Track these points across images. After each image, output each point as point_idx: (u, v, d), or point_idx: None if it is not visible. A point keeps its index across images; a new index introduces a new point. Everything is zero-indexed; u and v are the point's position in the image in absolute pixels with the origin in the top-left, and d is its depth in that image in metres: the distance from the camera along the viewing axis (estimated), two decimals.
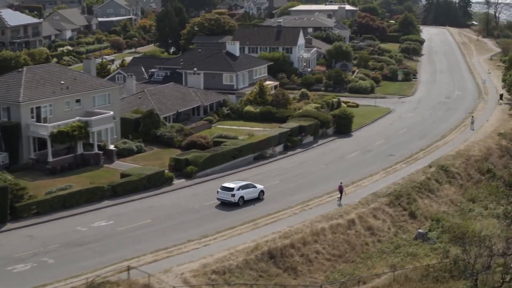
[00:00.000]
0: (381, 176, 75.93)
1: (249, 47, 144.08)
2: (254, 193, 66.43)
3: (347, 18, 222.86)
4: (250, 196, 65.85)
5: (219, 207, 64.49)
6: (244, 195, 65.08)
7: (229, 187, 65.00)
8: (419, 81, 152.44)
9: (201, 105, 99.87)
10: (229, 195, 64.57)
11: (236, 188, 64.74)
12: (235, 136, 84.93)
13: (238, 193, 64.61)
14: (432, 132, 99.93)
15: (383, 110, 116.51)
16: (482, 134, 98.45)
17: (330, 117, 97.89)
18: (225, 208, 64.20)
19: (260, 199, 66.90)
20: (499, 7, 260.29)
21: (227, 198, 64.69)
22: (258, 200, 66.73)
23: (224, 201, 65.01)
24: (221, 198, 65.13)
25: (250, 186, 66.33)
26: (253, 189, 66.49)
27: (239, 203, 64.59)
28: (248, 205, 65.26)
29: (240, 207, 64.59)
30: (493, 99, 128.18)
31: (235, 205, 64.56)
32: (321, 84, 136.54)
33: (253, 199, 66.18)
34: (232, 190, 64.58)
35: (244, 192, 65.21)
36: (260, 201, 66.70)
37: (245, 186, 65.78)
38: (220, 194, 65.23)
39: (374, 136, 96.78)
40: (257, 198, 66.57)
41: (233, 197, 64.37)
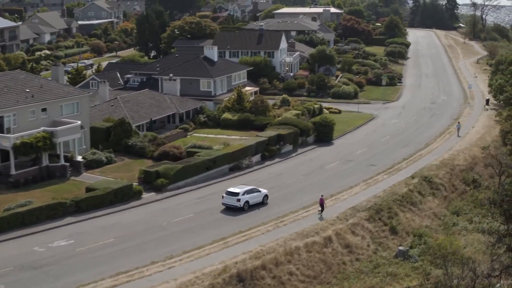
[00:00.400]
0: (361, 188, 72.46)
1: (230, 51, 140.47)
2: (259, 198, 66.04)
3: (332, 21, 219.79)
4: (255, 200, 65.50)
5: (185, 223, 60.78)
6: (249, 200, 64.70)
7: (234, 192, 64.32)
8: (404, 85, 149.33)
9: (177, 112, 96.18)
10: (234, 200, 63.99)
11: (241, 193, 64.14)
12: (210, 146, 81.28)
13: (244, 198, 64.11)
14: (416, 139, 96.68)
15: (366, 117, 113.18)
16: (468, 142, 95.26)
17: (310, 125, 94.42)
18: (194, 225, 60.52)
19: (264, 203, 66.35)
20: (485, 9, 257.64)
21: (232, 203, 64.10)
22: (262, 205, 66.14)
23: (229, 206, 64.36)
24: (226, 203, 64.51)
25: (255, 191, 65.96)
26: (258, 194, 66.08)
27: (244, 208, 63.99)
28: (235, 214, 61.76)
29: (210, 223, 61.06)
30: (479, 104, 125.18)
31: (241, 209, 63.86)
32: (303, 89, 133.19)
33: (257, 203, 65.73)
34: (237, 195, 63.95)
35: (249, 196, 64.80)
36: (264, 205, 66.10)
37: (250, 190, 65.24)
38: (225, 199, 64.56)
39: (356, 144, 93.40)
40: (261, 202, 66.14)
41: (239, 202, 63.77)
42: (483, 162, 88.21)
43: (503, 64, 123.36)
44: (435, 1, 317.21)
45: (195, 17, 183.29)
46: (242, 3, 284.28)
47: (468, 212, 72.81)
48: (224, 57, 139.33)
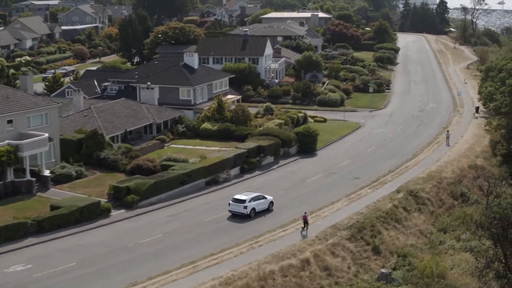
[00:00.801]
0: (344, 204, 68.70)
1: (213, 57, 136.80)
2: (265, 204, 65.84)
3: (320, 26, 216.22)
4: (261, 207, 65.30)
5: (154, 244, 56.86)
6: (256, 207, 64.49)
7: (241, 199, 64.06)
8: (392, 92, 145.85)
9: (154, 122, 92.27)
10: (241, 207, 63.70)
11: (248, 200, 63.90)
12: (185, 159, 77.41)
13: (250, 205, 63.91)
14: (402, 150, 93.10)
15: (352, 125, 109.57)
16: (456, 152, 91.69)
17: (292, 135, 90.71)
18: (162, 246, 56.64)
19: (269, 210, 66.15)
20: (476, 13, 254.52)
21: (239, 210, 63.81)
22: (268, 211, 65.85)
23: (236, 213, 64.00)
24: (233, 210, 64.20)
25: (261, 197, 65.74)
26: (264, 200, 65.84)
27: (251, 215, 63.77)
28: (210, 233, 57.95)
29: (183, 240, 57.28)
30: (469, 112, 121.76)
31: (247, 216, 63.49)
32: (288, 97, 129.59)
33: (263, 210, 65.47)
34: (244, 202, 63.72)
35: (256, 203, 64.61)
36: (269, 212, 65.80)
37: (256, 197, 65.07)
38: (232, 206, 64.27)
39: (340, 155, 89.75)
40: (267, 209, 65.87)
41: (245, 209, 63.60)
42: (472, 175, 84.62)
43: (493, 70, 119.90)
44: (425, 5, 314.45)
45: (179, 22, 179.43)
46: (230, 8, 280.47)
47: (455, 229, 69.17)
48: (208, 63, 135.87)
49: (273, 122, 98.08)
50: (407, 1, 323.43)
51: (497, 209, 47.70)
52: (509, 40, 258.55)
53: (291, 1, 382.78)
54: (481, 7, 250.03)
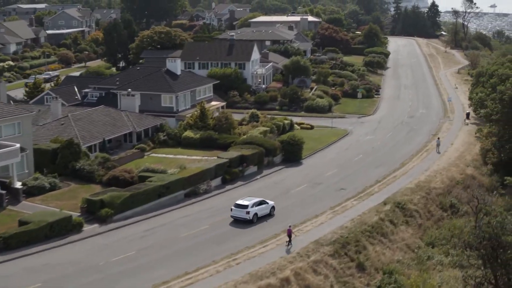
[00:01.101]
0: (328, 218, 65.80)
1: (199, 62, 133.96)
2: (267, 209, 65.61)
3: (310, 30, 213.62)
4: (263, 212, 65.01)
5: (125, 262, 53.81)
6: (258, 212, 64.19)
7: (243, 204, 63.74)
8: (381, 97, 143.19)
9: (134, 131, 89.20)
10: (243, 212, 63.38)
11: (250, 205, 63.59)
12: (164, 169, 74.38)
13: (252, 210, 63.60)
14: (391, 158, 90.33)
15: (339, 133, 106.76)
16: (446, 161, 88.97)
17: (277, 144, 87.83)
18: (134, 265, 53.61)
19: (271, 215, 65.76)
20: (467, 17, 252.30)
21: (241, 215, 63.47)
22: (270, 216, 65.38)
23: (239, 218, 63.69)
24: (235, 215, 63.86)
25: (263, 203, 65.41)
26: (266, 206, 65.58)
27: (253, 220, 63.50)
28: (186, 249, 54.97)
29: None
30: (459, 118, 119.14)
31: (249, 222, 63.15)
32: (275, 103, 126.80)
33: (265, 215, 65.14)
34: (246, 207, 63.38)
35: (258, 208, 64.31)
36: (271, 217, 65.31)
37: (258, 203, 64.77)
38: (234, 211, 63.95)
39: (326, 165, 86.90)
40: (268, 214, 65.57)
41: (248, 215, 63.22)
42: (462, 184, 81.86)
43: (483, 76, 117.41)
44: (416, 8, 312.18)
45: (165, 27, 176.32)
46: (219, 12, 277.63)
47: (445, 243, 66.28)
48: (193, 68, 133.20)
49: (258, 130, 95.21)
50: (398, 5, 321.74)
51: (486, 228, 44.96)
52: (501, 44, 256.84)
53: (282, 4, 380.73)
54: (472, 10, 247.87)
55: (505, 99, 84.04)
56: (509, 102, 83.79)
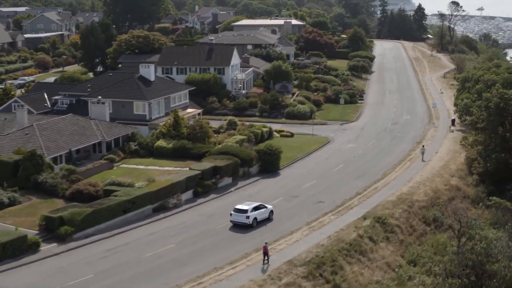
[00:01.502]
0: (303, 235, 61.83)
1: (177, 67, 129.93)
2: (265, 214, 65.25)
3: (294, 33, 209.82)
4: (262, 216, 64.64)
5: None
6: (257, 216, 63.83)
7: (243, 209, 63.31)
8: (365, 103, 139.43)
9: (103, 140, 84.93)
10: (243, 217, 62.96)
11: (250, 209, 63.23)
12: (131, 183, 70.22)
13: (252, 215, 63.21)
14: (372, 168, 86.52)
15: (320, 140, 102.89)
16: (429, 171, 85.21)
17: (253, 154, 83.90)
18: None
19: (270, 219, 65.54)
20: (453, 20, 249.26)
21: (241, 220, 63.06)
22: (268, 220, 65.19)
23: (238, 223, 63.15)
24: (235, 220, 63.40)
25: (262, 207, 65.10)
26: (265, 210, 65.25)
27: (253, 225, 63.13)
28: (151, 272, 50.77)
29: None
30: (445, 124, 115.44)
31: (249, 226, 62.79)
32: (255, 109, 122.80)
33: (264, 219, 64.79)
34: (246, 212, 62.98)
35: (257, 213, 63.94)
36: (270, 221, 65.12)
37: (257, 207, 64.46)
38: (234, 216, 63.46)
39: (305, 175, 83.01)
40: (267, 218, 65.25)
41: (248, 219, 62.84)
42: (447, 196, 78.11)
43: (469, 81, 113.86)
44: (403, 11, 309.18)
45: (143, 30, 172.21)
46: (202, 15, 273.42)
47: (427, 260, 62.38)
48: (171, 74, 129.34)
49: (235, 138, 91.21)
50: (384, 8, 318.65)
51: (469, 255, 41.17)
52: (487, 47, 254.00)
53: (268, 8, 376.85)
54: (459, 13, 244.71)
55: (490, 107, 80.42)
56: (495, 109, 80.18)
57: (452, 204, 74.77)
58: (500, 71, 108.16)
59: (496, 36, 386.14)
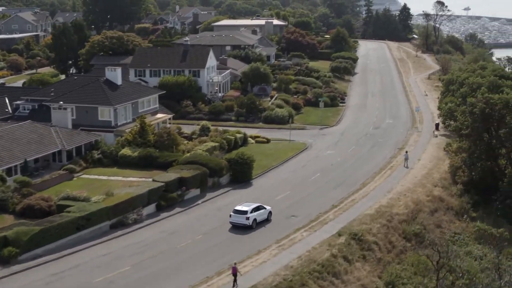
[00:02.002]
0: (272, 254, 56.65)
1: (150, 70, 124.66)
2: (264, 215, 64.65)
3: (275, 34, 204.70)
4: (261, 217, 64.05)
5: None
6: (257, 217, 63.25)
7: (243, 210, 62.66)
8: (347, 106, 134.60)
9: (63, 149, 79.40)
10: (243, 218, 62.30)
11: (250, 211, 62.66)
12: (87, 197, 64.71)
13: (252, 216, 62.56)
14: (351, 177, 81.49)
15: (297, 147, 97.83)
16: (411, 180, 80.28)
17: (224, 163, 78.66)
18: None
19: (268, 220, 64.95)
20: (438, 20, 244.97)
21: (241, 221, 62.37)
22: (267, 221, 64.61)
23: (238, 224, 62.43)
24: (235, 221, 62.72)
25: (261, 208, 64.59)
26: (264, 211, 64.67)
27: (253, 226, 62.53)
28: None
29: None
30: (428, 129, 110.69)
31: (249, 228, 62.14)
32: (232, 113, 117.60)
33: (263, 220, 64.23)
34: (245, 213, 62.39)
35: (257, 214, 63.36)
36: (268, 222, 64.58)
37: (257, 208, 63.91)
38: (233, 217, 62.79)
39: (279, 186, 77.89)
40: (266, 219, 64.68)
41: (248, 220, 62.22)
42: (429, 208, 73.24)
43: (453, 84, 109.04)
44: (388, 11, 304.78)
45: (117, 31, 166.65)
46: (183, 15, 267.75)
47: (407, 281, 57.45)
48: (144, 76, 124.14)
49: (206, 146, 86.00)
50: (369, 8, 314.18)
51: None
52: (473, 47, 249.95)
53: (252, 8, 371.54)
54: (444, 13, 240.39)
55: (475, 113, 75.53)
56: (480, 115, 75.34)
57: (434, 217, 70.23)
58: (486, 74, 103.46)
59: (482, 36, 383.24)
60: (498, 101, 74.51)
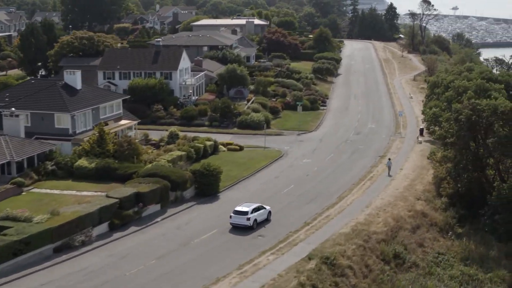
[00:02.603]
0: (231, 284, 50.13)
1: (120, 72, 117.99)
2: (264, 215, 63.79)
3: (256, 34, 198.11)
4: (261, 218, 63.19)
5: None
6: (257, 218, 62.34)
7: (243, 210, 61.61)
8: (328, 109, 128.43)
9: (12, 160, 72.56)
10: (244, 219, 61.30)
11: (250, 211, 61.63)
12: (29, 216, 57.90)
13: (252, 216, 61.61)
14: (327, 190, 75.19)
15: (272, 155, 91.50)
16: (392, 193, 74.04)
17: (188, 175, 72.12)
18: None
19: (268, 220, 64.06)
20: (424, 19, 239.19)
21: (242, 222, 61.35)
22: (267, 221, 63.67)
23: (239, 225, 61.40)
24: (235, 222, 61.62)
25: (261, 208, 63.71)
26: (264, 211, 63.79)
27: (253, 226, 61.57)
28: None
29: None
30: (412, 134, 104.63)
31: (250, 228, 61.06)
32: (205, 118, 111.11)
33: (263, 220, 63.29)
34: (246, 214, 61.35)
35: (257, 214, 62.43)
36: (268, 222, 63.63)
37: (257, 208, 62.94)
38: (234, 218, 61.72)
39: (249, 199, 71.06)
40: (266, 219, 63.80)
41: (248, 221, 61.27)
42: (410, 224, 66.96)
43: (439, 87, 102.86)
44: (374, 10, 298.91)
45: (87, 31, 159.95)
46: (163, 14, 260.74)
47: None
48: (113, 79, 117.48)
49: (171, 155, 79.51)
50: (355, 7, 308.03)
51: None
52: (460, 47, 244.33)
53: (237, 7, 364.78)
54: (430, 12, 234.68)
55: (461, 120, 69.26)
56: (466, 123, 69.06)
57: (416, 234, 63.95)
58: (473, 76, 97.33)
59: (470, 35, 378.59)
60: (486, 107, 68.29)
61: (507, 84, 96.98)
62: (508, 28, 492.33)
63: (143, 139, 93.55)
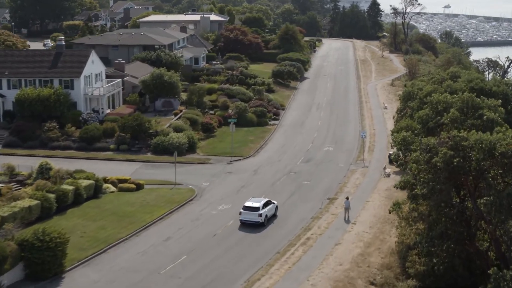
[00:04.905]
0: None
1: (8, 79, 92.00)
2: (272, 210, 58.70)
3: (213, 31, 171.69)
4: (270, 213, 58.06)
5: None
6: (267, 213, 57.36)
7: (254, 206, 56.37)
8: (279, 124, 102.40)
9: None
10: (255, 215, 56.12)
11: (261, 206, 56.45)
12: None
13: (264, 212, 56.43)
14: (233, 266, 49.09)
15: (179, 197, 65.59)
16: (331, 271, 47.81)
17: (10, 249, 45.83)
18: None
19: (275, 215, 58.44)
20: (407, 15, 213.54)
21: (253, 218, 56.10)
22: (274, 217, 58.09)
23: (249, 222, 55.96)
24: (246, 219, 56.32)
25: (270, 203, 58.58)
26: (272, 206, 58.67)
27: (265, 223, 56.13)
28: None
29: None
30: (379, 162, 78.68)
31: (261, 225, 55.48)
32: (112, 139, 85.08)
33: (271, 216, 57.59)
34: (258, 209, 56.15)
35: (267, 209, 57.41)
36: (275, 217, 57.94)
37: (266, 203, 57.78)
38: (244, 215, 56.32)
39: (110, 284, 45.09)
40: (273, 215, 58.53)
41: (260, 217, 56.03)
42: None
43: (413, 99, 76.61)
44: (355, 7, 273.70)
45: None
46: (115, 10, 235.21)
47: None
48: (1, 88, 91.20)
49: (11, 208, 53.26)
50: (336, 3, 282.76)
51: None
52: (447, 47, 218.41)
53: (217, 3, 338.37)
54: (413, 9, 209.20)
55: (437, 164, 42.87)
56: (445, 170, 42.73)
57: None
58: (458, 86, 71.03)
59: (460, 34, 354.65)
60: (476, 145, 42.12)
61: (504, 96, 70.96)
62: (499, 27, 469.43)
63: (7, 174, 68.00)
